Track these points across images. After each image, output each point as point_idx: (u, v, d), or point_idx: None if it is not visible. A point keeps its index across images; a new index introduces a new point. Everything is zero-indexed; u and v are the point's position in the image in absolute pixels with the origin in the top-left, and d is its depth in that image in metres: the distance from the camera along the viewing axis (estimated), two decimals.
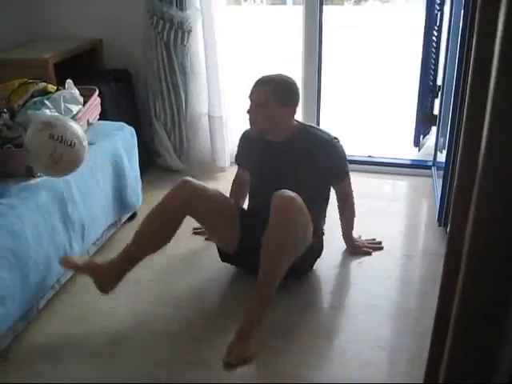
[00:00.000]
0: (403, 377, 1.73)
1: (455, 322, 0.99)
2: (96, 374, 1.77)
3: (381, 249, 2.45)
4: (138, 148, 2.70)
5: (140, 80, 3.26)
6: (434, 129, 3.38)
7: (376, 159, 3.42)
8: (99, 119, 2.55)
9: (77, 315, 2.05)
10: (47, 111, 2.15)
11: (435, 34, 3.32)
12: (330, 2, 10.21)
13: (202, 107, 3.18)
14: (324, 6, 3.09)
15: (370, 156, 3.44)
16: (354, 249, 2.42)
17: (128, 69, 3.23)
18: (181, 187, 2.05)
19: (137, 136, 2.69)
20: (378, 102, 5.26)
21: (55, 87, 2.35)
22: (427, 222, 2.83)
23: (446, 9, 3.02)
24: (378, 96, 5.50)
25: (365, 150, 3.49)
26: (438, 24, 3.28)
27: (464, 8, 2.25)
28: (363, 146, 3.63)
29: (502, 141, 0.83)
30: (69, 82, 2.35)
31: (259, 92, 2.09)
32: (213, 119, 3.17)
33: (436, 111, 3.33)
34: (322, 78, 3.26)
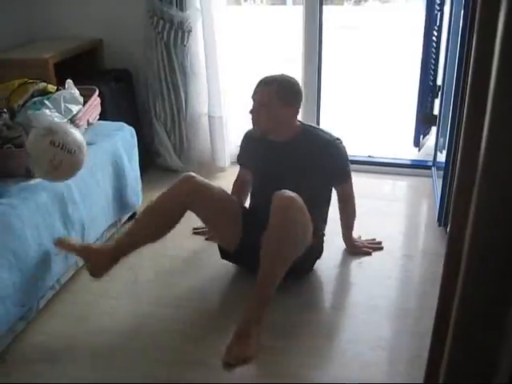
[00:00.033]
0: (403, 377, 1.73)
1: (455, 322, 0.99)
2: (96, 374, 1.76)
3: (381, 249, 2.45)
4: (138, 148, 2.70)
5: (140, 80, 3.26)
6: (433, 129, 3.38)
7: (376, 159, 3.42)
8: (99, 119, 2.56)
9: (77, 315, 2.05)
10: (47, 111, 2.15)
11: (435, 34, 3.32)
12: (330, 2, 10.21)
13: (202, 107, 3.19)
14: (324, 6, 3.09)
15: (370, 156, 3.44)
16: (354, 249, 2.42)
17: (128, 69, 3.23)
18: (185, 182, 2.05)
19: (137, 136, 2.69)
20: (378, 102, 5.26)
21: (55, 87, 2.35)
22: (427, 222, 2.83)
23: (446, 9, 3.02)
24: (378, 96, 5.49)
25: (365, 150, 3.49)
26: (438, 24, 3.28)
27: (464, 8, 2.25)
28: (363, 146, 3.63)
29: (501, 141, 0.83)
30: (69, 81, 2.35)
31: (262, 92, 2.09)
32: (213, 119, 3.17)
33: (436, 111, 3.33)
34: (322, 78, 3.26)
